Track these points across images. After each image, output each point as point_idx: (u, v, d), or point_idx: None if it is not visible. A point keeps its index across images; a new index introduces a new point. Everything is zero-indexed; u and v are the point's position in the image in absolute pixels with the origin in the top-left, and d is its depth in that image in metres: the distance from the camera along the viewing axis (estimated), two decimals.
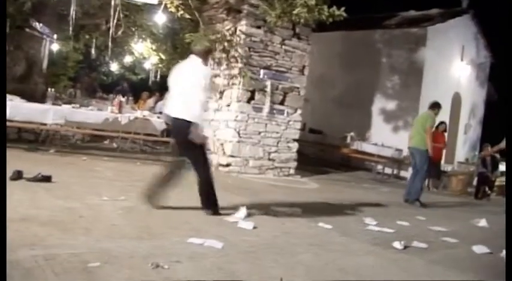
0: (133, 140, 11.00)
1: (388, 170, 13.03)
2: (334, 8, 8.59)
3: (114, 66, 18.32)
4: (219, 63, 9.85)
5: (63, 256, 3.46)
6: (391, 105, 14.41)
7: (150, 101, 15.03)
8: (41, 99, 10.03)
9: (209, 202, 5.48)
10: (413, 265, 4.41)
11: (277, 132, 10.04)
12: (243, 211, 5.43)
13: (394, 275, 4.03)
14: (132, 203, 5.49)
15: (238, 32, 9.62)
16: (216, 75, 9.98)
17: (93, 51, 13.18)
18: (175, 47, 13.48)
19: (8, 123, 9.10)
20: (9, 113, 8.78)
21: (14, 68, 10.72)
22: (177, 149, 5.66)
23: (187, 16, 9.61)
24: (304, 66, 10.41)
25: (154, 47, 12.99)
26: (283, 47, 10.06)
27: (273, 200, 6.84)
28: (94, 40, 12.89)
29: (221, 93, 9.87)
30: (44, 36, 10.76)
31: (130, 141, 11.02)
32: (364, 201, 8.21)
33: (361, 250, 4.76)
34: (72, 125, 9.72)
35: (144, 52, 13.19)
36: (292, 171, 10.30)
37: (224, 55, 9.69)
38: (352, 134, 13.55)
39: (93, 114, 9.62)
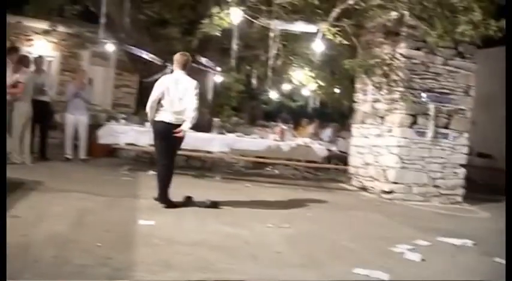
0: (295, 167, 11.19)
1: None
2: (503, 21, 8.00)
3: (273, 94, 18.90)
4: (379, 88, 9.71)
5: None
6: None
7: (310, 128, 15.22)
8: (207, 128, 10.65)
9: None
10: None
11: (442, 158, 9.57)
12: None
13: None
14: (295, 230, 5.58)
15: (397, 55, 9.43)
16: (376, 100, 9.86)
17: (253, 81, 13.73)
18: (333, 73, 13.54)
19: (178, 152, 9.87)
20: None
21: None
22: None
23: (345, 42, 9.63)
24: (469, 87, 9.85)
25: (312, 74, 13.17)
26: (446, 67, 9.62)
27: (441, 229, 6.49)
28: (254, 70, 13.42)
29: (382, 118, 9.71)
30: (209, 70, 11.50)
31: (292, 167, 11.24)
32: None
33: None
34: (236, 153, 10.21)
35: (302, 79, 13.43)
36: (459, 198, 9.72)
37: (384, 80, 9.54)
38: None
39: (256, 142, 10.03)
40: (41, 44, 13.99)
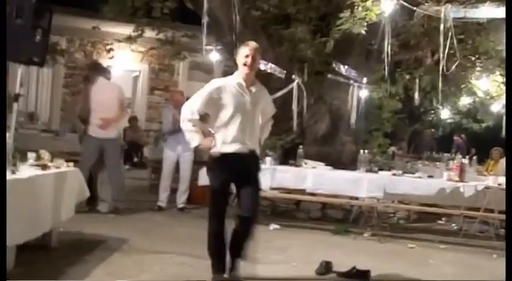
0: (485, 220, 10.59)
1: None
2: None
3: (445, 113, 18.41)
4: None
5: None
6: None
7: (504, 162, 14.42)
8: (350, 164, 10.42)
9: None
10: None
11: None
12: None
13: None
14: None
15: None
16: None
17: (415, 95, 13.42)
18: None
19: (310, 198, 9.79)
20: (312, 184, 9.38)
21: (315, 126, 11.40)
22: None
23: None
24: None
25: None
26: None
27: None
28: (417, 80, 13.11)
29: None
30: (350, 82, 11.24)
31: (480, 221, 10.64)
32: None
33: None
34: (393, 199, 9.93)
35: (490, 89, 12.88)
36: None
37: None
38: None
39: (421, 183, 9.66)
40: (124, 54, 14.50)
